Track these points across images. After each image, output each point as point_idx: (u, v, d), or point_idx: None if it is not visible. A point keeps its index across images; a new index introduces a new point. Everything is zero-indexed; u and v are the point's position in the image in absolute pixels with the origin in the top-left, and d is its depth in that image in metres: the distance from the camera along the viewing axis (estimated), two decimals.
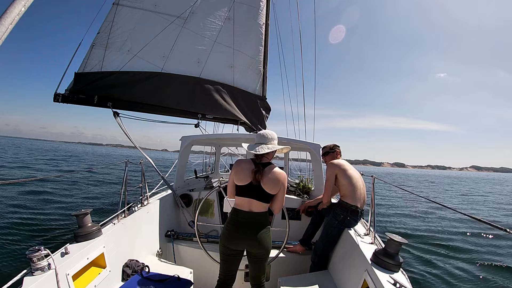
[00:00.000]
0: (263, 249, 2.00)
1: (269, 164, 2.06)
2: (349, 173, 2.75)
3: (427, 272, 5.00)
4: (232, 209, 2.11)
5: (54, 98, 3.29)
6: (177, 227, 3.52)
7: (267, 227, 2.03)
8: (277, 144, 2.12)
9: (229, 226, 2.03)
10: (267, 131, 2.13)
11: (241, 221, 1.99)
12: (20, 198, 8.41)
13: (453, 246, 6.66)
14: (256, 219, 1.99)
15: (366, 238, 2.37)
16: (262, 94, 4.71)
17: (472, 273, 5.02)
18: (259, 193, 1.97)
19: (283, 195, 2.06)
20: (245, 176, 1.99)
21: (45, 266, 1.57)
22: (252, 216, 1.98)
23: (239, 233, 1.98)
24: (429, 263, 5.46)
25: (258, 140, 2.08)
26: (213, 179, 5.15)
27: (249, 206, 2.00)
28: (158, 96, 3.73)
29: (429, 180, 41.47)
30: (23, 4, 0.79)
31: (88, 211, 2.12)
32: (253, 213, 1.99)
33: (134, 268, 2.38)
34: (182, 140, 3.99)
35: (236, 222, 2.01)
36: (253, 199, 1.98)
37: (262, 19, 4.67)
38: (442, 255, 5.93)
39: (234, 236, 2.00)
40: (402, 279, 1.64)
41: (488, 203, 16.04)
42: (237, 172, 2.04)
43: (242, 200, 2.02)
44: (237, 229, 1.99)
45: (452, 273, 5.02)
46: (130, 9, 3.70)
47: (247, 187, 1.99)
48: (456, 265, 5.37)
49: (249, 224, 1.98)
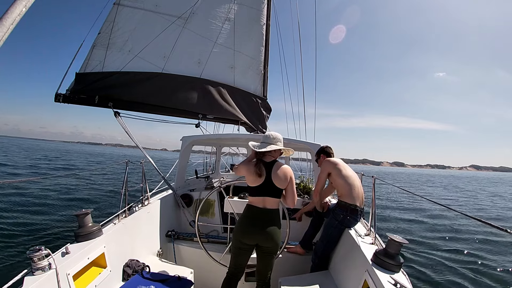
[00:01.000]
0: (274, 244, 2.12)
1: (276, 161, 2.20)
2: (344, 172, 2.73)
3: (427, 272, 4.99)
4: (246, 206, 2.23)
5: (55, 98, 3.30)
6: (177, 227, 3.52)
7: (278, 222, 2.17)
8: (282, 146, 2.25)
9: (244, 221, 2.16)
10: (272, 132, 2.27)
11: (256, 216, 2.13)
12: (20, 198, 8.42)
13: (454, 247, 6.65)
14: (269, 215, 2.13)
15: (367, 239, 2.36)
16: (263, 95, 4.71)
17: (473, 274, 5.00)
18: (271, 189, 2.12)
19: (293, 187, 2.19)
20: (255, 177, 2.12)
21: (45, 266, 1.57)
22: (265, 212, 2.12)
23: (253, 227, 2.11)
24: (430, 263, 5.45)
25: (264, 140, 2.23)
26: (213, 179, 5.15)
27: (263, 203, 2.13)
28: (159, 96, 3.73)
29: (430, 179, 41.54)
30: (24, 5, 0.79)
31: (88, 211, 2.13)
32: (266, 209, 2.13)
33: (134, 268, 2.38)
34: (183, 140, 3.99)
35: (251, 217, 2.14)
36: (266, 197, 2.12)
37: (262, 19, 4.68)
38: (443, 256, 5.91)
39: (248, 230, 2.12)
40: (402, 280, 1.63)
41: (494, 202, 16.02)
42: (248, 175, 2.15)
43: (256, 199, 2.15)
44: (251, 224, 2.12)
45: (452, 273, 5.02)
46: (131, 9, 3.70)
47: (260, 187, 2.12)
48: (457, 266, 5.36)
49: (263, 220, 2.11)
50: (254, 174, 2.11)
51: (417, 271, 5.01)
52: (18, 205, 7.66)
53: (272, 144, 2.18)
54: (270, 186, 2.11)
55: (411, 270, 4.99)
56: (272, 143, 2.19)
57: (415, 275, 4.82)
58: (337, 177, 2.73)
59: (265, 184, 2.11)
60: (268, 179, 2.11)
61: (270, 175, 2.11)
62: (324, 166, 2.85)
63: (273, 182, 2.10)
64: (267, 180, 2.11)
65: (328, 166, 2.81)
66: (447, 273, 5.03)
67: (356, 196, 2.64)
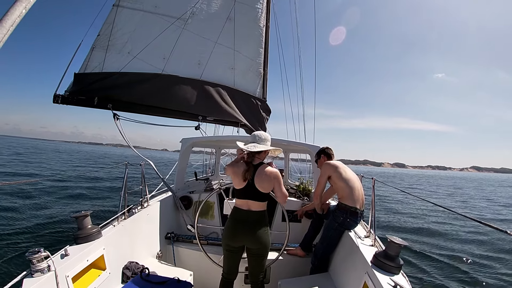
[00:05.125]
0: (261, 245, 2.13)
1: (261, 164, 2.18)
2: (345, 175, 2.72)
3: (427, 274, 4.98)
4: (233, 208, 2.24)
5: (53, 99, 3.29)
6: (177, 229, 3.51)
7: (265, 225, 2.17)
8: (270, 145, 2.22)
9: (229, 223, 2.19)
10: (261, 132, 2.26)
11: (240, 219, 2.15)
12: (19, 200, 8.41)
13: (454, 248, 6.65)
14: (254, 217, 2.13)
15: (367, 241, 2.36)
16: (263, 96, 4.71)
17: (473, 276, 5.00)
18: (254, 193, 2.11)
19: (281, 187, 2.15)
20: (240, 180, 2.12)
21: (45, 268, 1.56)
22: (250, 214, 2.13)
23: (238, 230, 2.13)
24: (430, 265, 5.44)
25: (252, 140, 2.20)
26: (213, 181, 5.14)
27: (247, 206, 2.14)
28: (158, 98, 3.72)
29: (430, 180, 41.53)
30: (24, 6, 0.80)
31: (88, 213, 2.12)
32: (251, 212, 2.13)
33: (134, 270, 2.37)
34: (183, 142, 3.99)
35: (236, 220, 2.16)
36: (250, 200, 2.13)
37: (262, 21, 4.68)
38: (443, 257, 5.91)
39: (233, 233, 2.15)
40: (402, 282, 1.63)
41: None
42: (234, 177, 2.16)
43: (241, 201, 2.17)
44: (236, 226, 2.14)
45: (453, 275, 5.01)
46: (130, 10, 3.70)
47: (243, 190, 2.14)
48: (457, 267, 5.36)
49: (247, 222, 2.12)
50: (239, 176, 2.10)
51: (417, 273, 5.01)
52: (17, 206, 7.64)
53: (260, 144, 2.15)
54: (253, 190, 2.10)
55: (411, 272, 4.98)
56: (259, 143, 2.16)
57: (415, 277, 4.81)
58: (337, 180, 2.73)
59: (248, 188, 2.11)
60: (251, 183, 2.10)
61: (253, 179, 2.09)
62: (324, 169, 2.84)
63: (256, 186, 2.09)
64: (249, 184, 2.10)
65: (328, 170, 2.80)
66: (447, 275, 5.03)
67: (356, 199, 2.63)
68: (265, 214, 2.19)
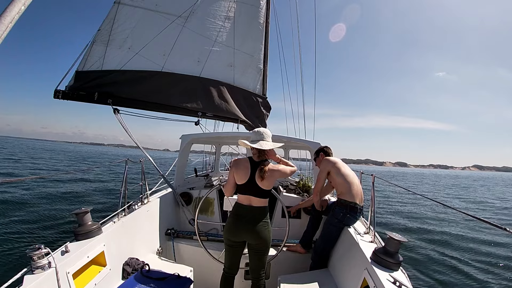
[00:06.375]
0: (262, 241, 2.13)
1: (265, 161, 2.17)
2: (343, 170, 2.75)
3: (427, 270, 5.01)
4: (234, 204, 2.24)
5: (54, 95, 3.29)
6: (177, 226, 3.52)
7: (266, 220, 2.17)
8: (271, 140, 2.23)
9: (230, 219, 2.20)
10: (263, 128, 2.25)
11: (241, 214, 2.15)
12: (20, 197, 8.42)
13: (453, 245, 6.67)
14: (255, 213, 2.13)
15: (366, 237, 2.37)
16: (263, 93, 4.70)
17: (472, 272, 5.02)
18: (257, 190, 2.11)
19: (284, 168, 2.19)
20: (243, 175, 2.12)
21: (45, 264, 1.57)
22: (251, 210, 2.13)
23: (239, 225, 2.13)
24: (429, 261, 5.47)
25: (257, 137, 2.18)
26: (213, 178, 5.15)
27: (249, 202, 2.14)
28: (158, 94, 3.72)
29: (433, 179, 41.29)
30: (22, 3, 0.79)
31: (88, 209, 2.13)
32: (252, 207, 2.13)
33: (134, 266, 2.39)
34: (182, 138, 3.99)
35: (237, 215, 2.16)
36: (252, 196, 2.13)
37: (262, 17, 4.66)
38: (442, 254, 5.94)
39: (234, 228, 2.15)
40: (402, 278, 1.64)
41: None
42: (237, 172, 2.16)
43: (242, 197, 2.17)
44: (237, 221, 2.14)
45: (452, 272, 5.04)
46: (131, 8, 3.69)
47: (246, 185, 2.13)
48: (456, 264, 5.38)
49: (248, 217, 2.12)
50: (242, 172, 2.12)
51: (417, 269, 5.03)
52: (18, 203, 7.66)
53: (263, 140, 2.15)
54: (254, 186, 2.10)
55: (410, 268, 5.01)
56: (265, 139, 2.16)
57: (415, 273, 4.84)
58: (336, 175, 2.75)
59: (249, 184, 2.11)
60: (252, 179, 2.10)
61: (254, 176, 2.10)
62: (323, 165, 2.86)
63: (257, 183, 2.09)
64: (251, 180, 2.10)
65: (327, 165, 2.82)
66: (446, 271, 5.06)
67: (355, 194, 2.65)
68: (266, 210, 2.20)
